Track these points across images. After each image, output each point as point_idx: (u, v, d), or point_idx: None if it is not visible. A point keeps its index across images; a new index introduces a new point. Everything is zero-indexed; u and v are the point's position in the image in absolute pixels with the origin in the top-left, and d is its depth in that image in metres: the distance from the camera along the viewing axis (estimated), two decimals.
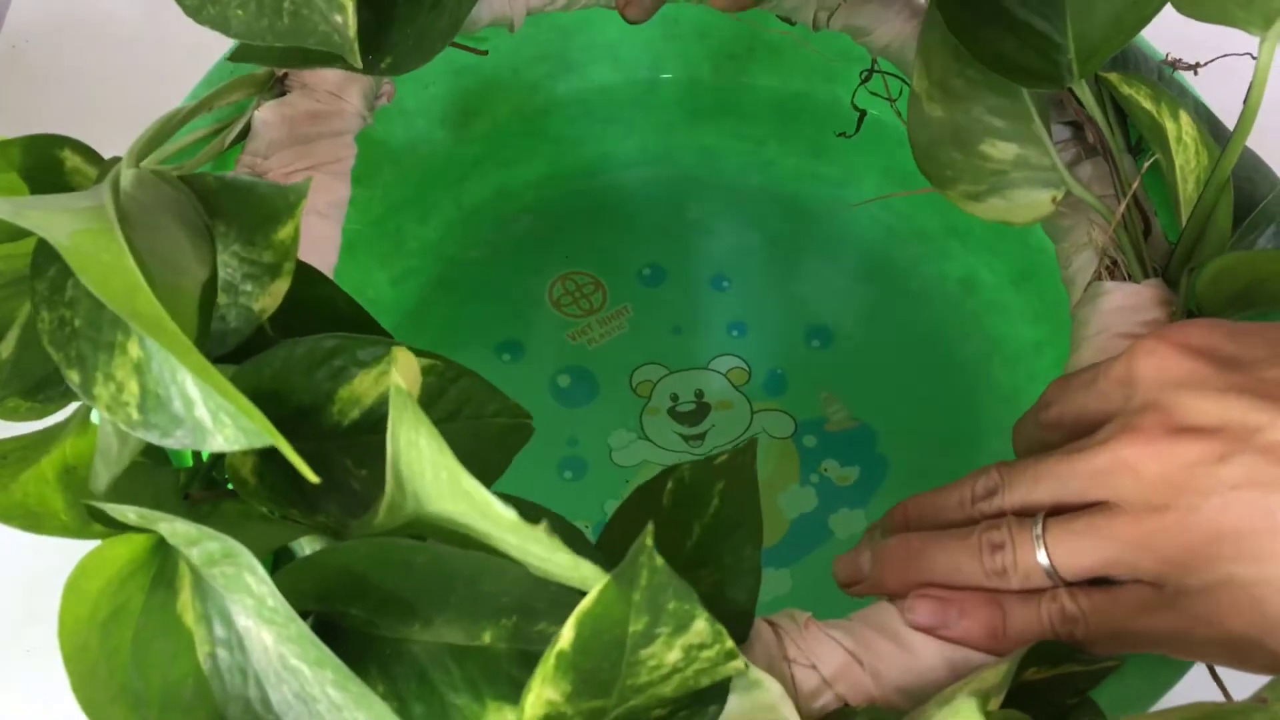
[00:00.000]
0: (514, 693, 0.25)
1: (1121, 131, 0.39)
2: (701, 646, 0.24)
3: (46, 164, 0.30)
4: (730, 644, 0.24)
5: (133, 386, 0.25)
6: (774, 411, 0.49)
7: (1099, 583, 0.30)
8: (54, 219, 0.24)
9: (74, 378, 0.26)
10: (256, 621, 0.25)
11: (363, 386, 0.28)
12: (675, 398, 0.49)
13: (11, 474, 0.28)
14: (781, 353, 0.51)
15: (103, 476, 0.27)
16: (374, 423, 0.29)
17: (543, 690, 0.23)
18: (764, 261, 0.54)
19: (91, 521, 0.27)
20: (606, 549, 0.31)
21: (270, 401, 0.29)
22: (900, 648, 0.30)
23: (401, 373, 0.23)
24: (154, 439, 0.25)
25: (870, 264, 0.54)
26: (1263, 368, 0.28)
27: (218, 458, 0.30)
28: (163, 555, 0.27)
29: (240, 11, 0.33)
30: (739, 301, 0.52)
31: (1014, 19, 0.35)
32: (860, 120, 0.47)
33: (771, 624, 0.31)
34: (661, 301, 0.52)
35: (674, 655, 0.24)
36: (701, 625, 0.24)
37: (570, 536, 0.27)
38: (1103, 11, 0.34)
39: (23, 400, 0.30)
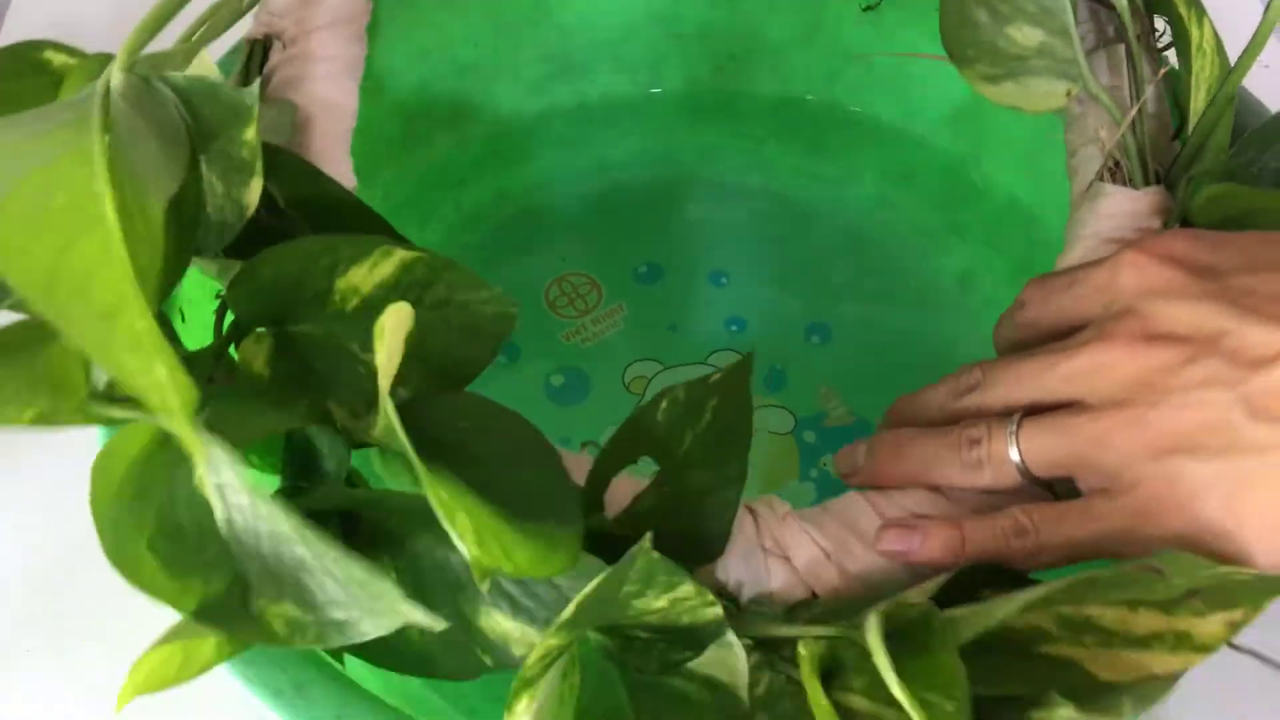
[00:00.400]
0: (501, 600, 0.28)
1: (1150, 25, 0.39)
2: (687, 599, 0.27)
3: (32, 68, 0.30)
4: (711, 598, 0.27)
5: None
6: (774, 407, 0.49)
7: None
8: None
9: None
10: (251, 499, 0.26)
11: (357, 278, 0.30)
12: None
13: (38, 347, 0.29)
14: (780, 348, 0.51)
15: (101, 376, 0.28)
16: (374, 307, 0.30)
17: (550, 637, 0.26)
18: (762, 259, 0.54)
19: (108, 405, 0.28)
20: (600, 475, 0.33)
21: (275, 292, 0.30)
22: (866, 546, 0.32)
23: (390, 322, 0.25)
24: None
25: (869, 261, 0.54)
26: (1235, 275, 0.29)
27: (230, 336, 0.32)
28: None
29: None
30: (737, 298, 0.52)
31: None
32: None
33: (752, 512, 0.33)
34: (658, 299, 0.52)
35: (661, 603, 0.28)
36: (687, 588, 0.27)
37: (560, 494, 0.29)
38: None
39: None
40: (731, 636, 0.28)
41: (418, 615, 0.25)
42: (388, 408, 0.25)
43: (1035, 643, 0.27)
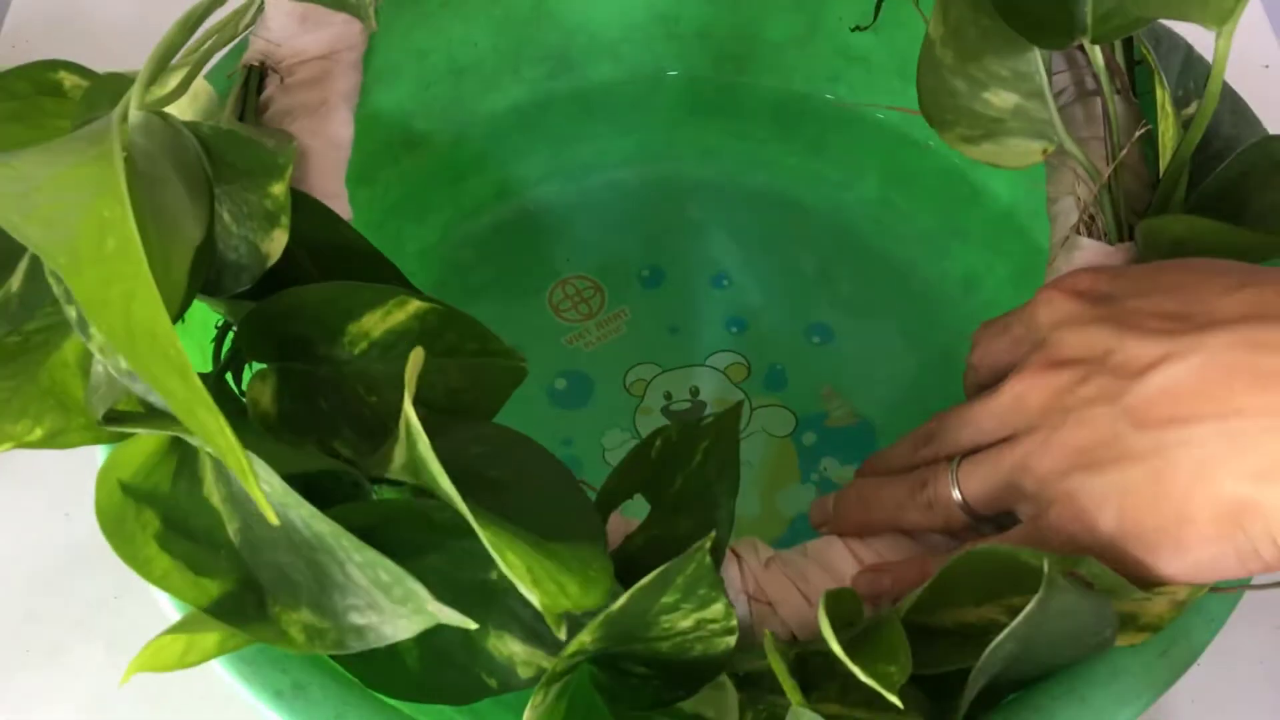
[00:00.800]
0: (512, 623, 0.29)
1: (1129, 78, 0.40)
2: (712, 621, 0.29)
3: (46, 89, 0.31)
4: (734, 622, 0.29)
5: None
6: (774, 407, 0.49)
7: None
8: (55, 219, 0.24)
9: (70, 313, 0.26)
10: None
11: (370, 323, 0.31)
12: (669, 396, 0.49)
13: (38, 359, 0.29)
14: (782, 349, 0.51)
15: (97, 407, 0.28)
16: (381, 352, 0.31)
17: (583, 638, 0.27)
18: (764, 260, 0.54)
19: (117, 424, 0.29)
20: (604, 505, 0.34)
21: (286, 332, 0.31)
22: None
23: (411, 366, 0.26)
24: (139, 392, 0.26)
25: (871, 263, 0.54)
26: (1127, 300, 0.31)
27: (230, 363, 0.33)
28: (182, 448, 0.29)
29: None
30: (738, 299, 0.52)
31: None
32: (878, 8, 0.49)
33: (738, 558, 0.34)
34: (660, 302, 0.52)
35: (687, 623, 0.29)
36: (719, 607, 0.28)
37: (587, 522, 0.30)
38: None
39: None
40: (723, 676, 0.30)
41: (448, 614, 0.25)
42: (422, 446, 0.25)
43: (990, 633, 0.28)
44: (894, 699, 0.26)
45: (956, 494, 0.33)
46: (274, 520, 0.24)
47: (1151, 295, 0.30)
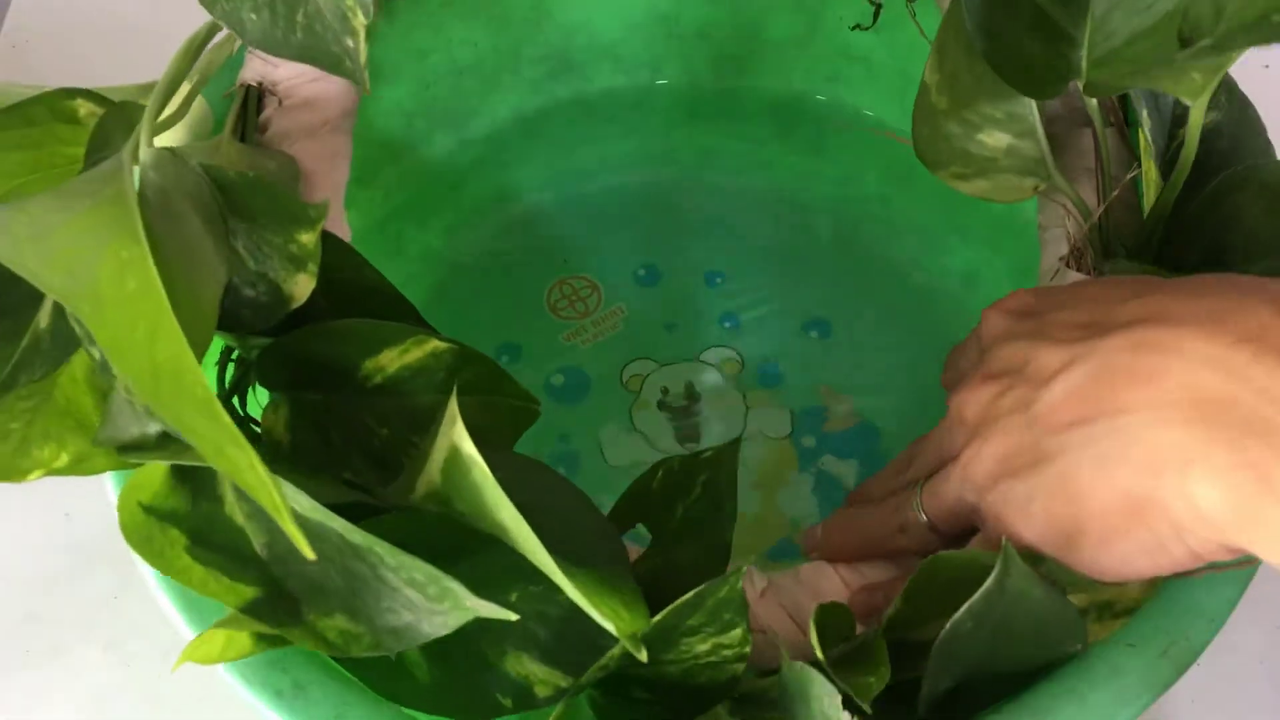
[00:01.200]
0: (530, 644, 0.29)
1: (1123, 114, 0.41)
2: (728, 647, 0.29)
3: (62, 116, 0.31)
4: (748, 649, 0.29)
5: None
6: (769, 406, 0.49)
7: None
8: (76, 259, 0.24)
9: (94, 354, 0.26)
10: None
11: (387, 359, 0.31)
12: (665, 391, 0.49)
13: (52, 377, 0.30)
14: (777, 345, 0.51)
15: (115, 437, 0.29)
16: (395, 386, 0.32)
17: (614, 653, 0.28)
18: (762, 259, 0.54)
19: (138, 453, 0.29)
20: None
21: (302, 364, 0.32)
22: None
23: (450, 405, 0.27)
24: (162, 425, 0.26)
25: (871, 261, 0.54)
26: (1051, 313, 0.32)
27: (233, 390, 0.33)
28: (199, 471, 0.30)
29: (255, 16, 0.34)
30: (733, 296, 0.53)
31: (1038, 15, 0.36)
32: (876, 13, 0.49)
33: None
34: (656, 300, 0.52)
35: (704, 647, 0.29)
36: (738, 633, 0.29)
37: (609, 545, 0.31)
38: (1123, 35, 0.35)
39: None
40: (720, 708, 0.30)
41: (489, 608, 0.26)
42: (478, 473, 0.26)
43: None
44: (865, 707, 0.27)
45: (923, 516, 0.35)
46: (310, 555, 0.24)
47: (1068, 308, 0.32)
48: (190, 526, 0.29)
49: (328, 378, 0.32)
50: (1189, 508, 0.26)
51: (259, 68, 0.39)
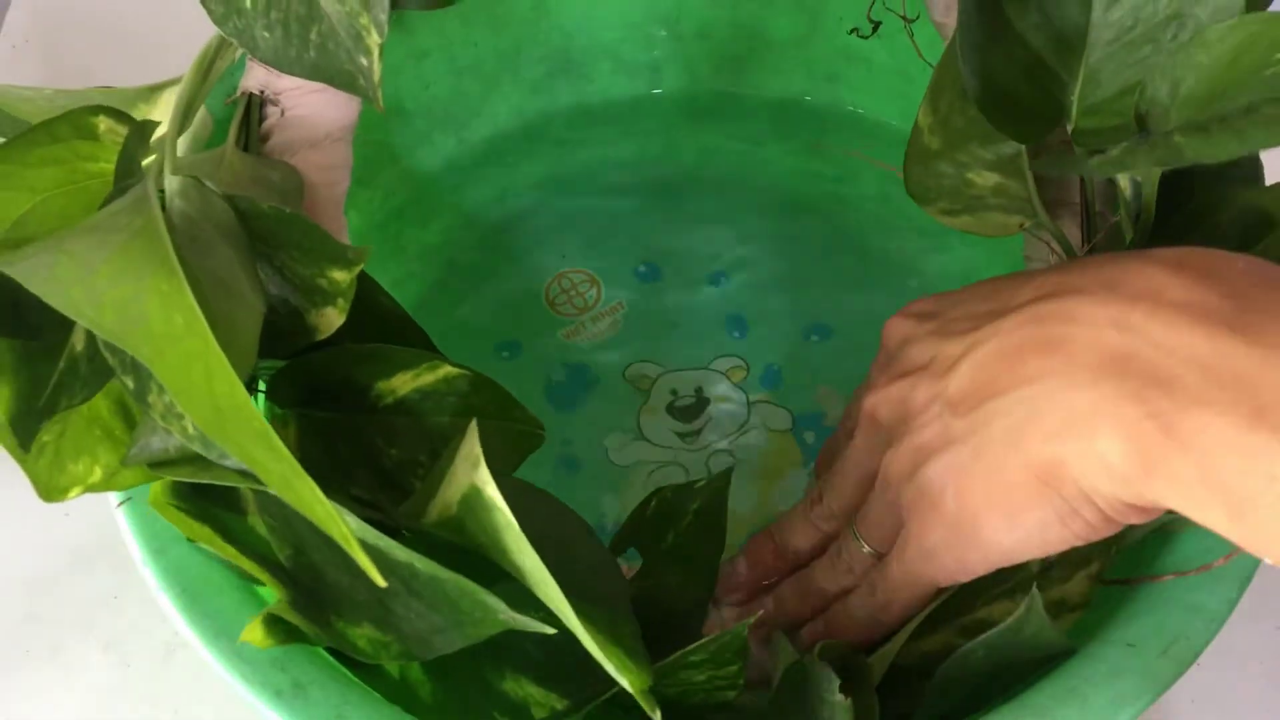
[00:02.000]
0: (529, 666, 0.30)
1: None
2: (725, 679, 0.30)
3: (85, 133, 0.31)
4: (741, 680, 0.30)
5: None
6: (772, 405, 0.49)
7: None
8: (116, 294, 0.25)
9: (128, 383, 0.27)
10: None
11: (400, 382, 0.32)
12: (675, 393, 0.49)
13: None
14: (779, 348, 0.51)
15: (141, 459, 0.29)
16: (404, 407, 0.32)
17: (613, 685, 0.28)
18: (762, 259, 0.54)
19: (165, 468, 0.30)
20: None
21: (314, 384, 0.32)
22: None
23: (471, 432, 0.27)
24: (212, 457, 0.27)
25: (870, 260, 0.54)
26: (952, 312, 0.33)
27: None
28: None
29: (267, 34, 0.34)
30: (736, 298, 0.53)
31: (1033, 61, 0.36)
32: (875, 28, 0.50)
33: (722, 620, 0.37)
34: (657, 298, 0.52)
35: (700, 678, 0.30)
36: (734, 669, 0.30)
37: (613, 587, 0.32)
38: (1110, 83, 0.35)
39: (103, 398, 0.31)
40: None
41: (523, 620, 0.26)
42: (500, 518, 0.26)
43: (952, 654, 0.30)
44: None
45: (865, 548, 0.35)
46: (382, 583, 0.25)
47: (966, 303, 0.33)
48: (218, 526, 0.30)
49: (339, 397, 0.32)
50: (1098, 465, 0.27)
51: (261, 75, 0.39)
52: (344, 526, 0.24)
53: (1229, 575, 0.32)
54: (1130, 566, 0.34)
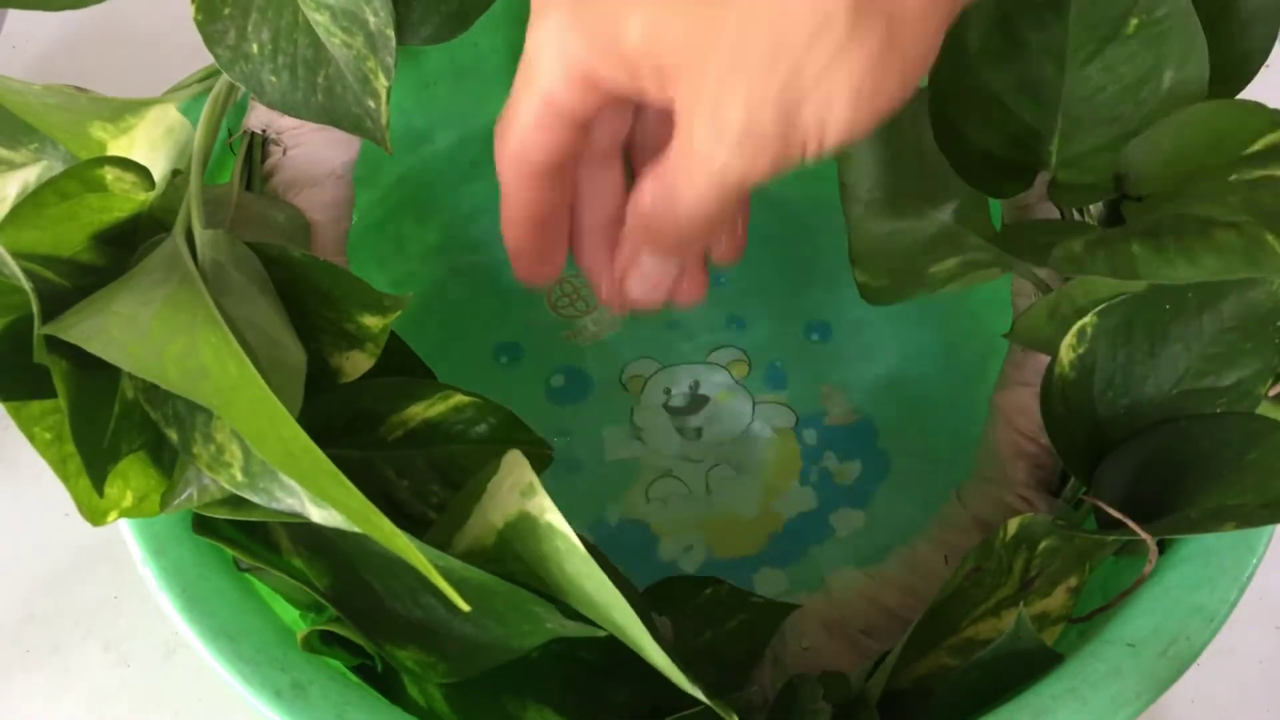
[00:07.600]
0: (548, 699, 0.30)
1: None
2: None
3: (93, 186, 0.32)
4: None
5: (234, 449, 0.28)
6: (775, 404, 0.49)
7: None
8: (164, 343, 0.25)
9: (172, 435, 0.28)
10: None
11: (411, 413, 0.33)
12: (668, 392, 0.50)
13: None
14: (781, 346, 0.52)
15: (181, 505, 0.30)
16: (415, 439, 0.33)
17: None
18: (762, 257, 0.54)
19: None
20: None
21: (329, 414, 0.33)
22: None
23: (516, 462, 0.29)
24: (260, 501, 0.28)
25: None
26: None
27: None
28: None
29: (274, 78, 0.34)
30: (736, 296, 0.53)
31: (1005, 114, 0.36)
32: None
33: None
34: None
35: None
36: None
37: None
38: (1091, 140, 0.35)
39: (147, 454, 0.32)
40: None
41: (573, 627, 0.27)
42: (561, 533, 0.27)
43: (945, 676, 0.31)
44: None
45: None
46: (465, 608, 0.26)
47: None
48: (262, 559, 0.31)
49: (350, 432, 0.33)
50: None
51: (263, 114, 0.39)
52: (424, 561, 0.25)
53: (1229, 575, 0.32)
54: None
